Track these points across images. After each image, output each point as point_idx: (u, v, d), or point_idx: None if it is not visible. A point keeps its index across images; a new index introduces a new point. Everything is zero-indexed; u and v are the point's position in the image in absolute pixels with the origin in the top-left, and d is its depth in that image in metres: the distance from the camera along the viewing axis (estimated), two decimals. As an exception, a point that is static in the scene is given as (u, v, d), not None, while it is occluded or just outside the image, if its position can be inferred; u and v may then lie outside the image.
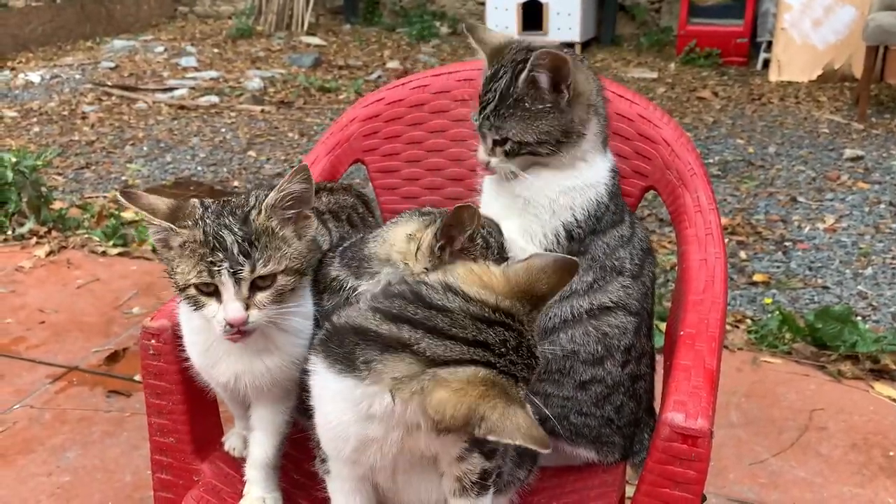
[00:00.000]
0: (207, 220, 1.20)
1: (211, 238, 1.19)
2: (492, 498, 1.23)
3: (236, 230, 1.19)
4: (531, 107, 1.41)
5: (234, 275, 1.18)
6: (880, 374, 2.81)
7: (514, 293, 1.06)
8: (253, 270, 1.19)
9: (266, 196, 1.23)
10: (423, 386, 0.97)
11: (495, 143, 1.46)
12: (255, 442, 1.42)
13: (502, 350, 1.01)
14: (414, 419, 1.00)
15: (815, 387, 2.75)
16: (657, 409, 1.65)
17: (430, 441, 1.07)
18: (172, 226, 1.21)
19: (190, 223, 1.21)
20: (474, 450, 1.15)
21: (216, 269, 1.18)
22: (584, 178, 1.47)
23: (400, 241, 1.32)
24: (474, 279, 1.07)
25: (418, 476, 1.19)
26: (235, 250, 1.18)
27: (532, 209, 1.47)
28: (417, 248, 1.29)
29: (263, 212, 1.21)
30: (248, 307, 1.20)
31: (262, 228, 1.21)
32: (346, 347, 1.04)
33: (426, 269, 1.27)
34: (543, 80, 1.39)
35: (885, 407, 2.64)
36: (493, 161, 1.47)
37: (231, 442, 1.56)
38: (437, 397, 0.96)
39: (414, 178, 1.89)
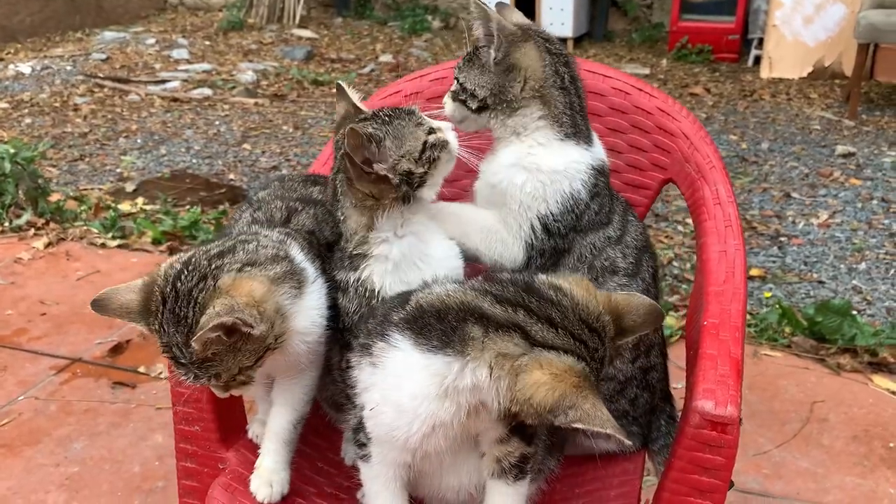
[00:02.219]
0: (162, 329, 1.23)
1: (166, 349, 1.24)
2: (527, 486, 1.24)
3: (182, 351, 1.21)
4: (480, 58, 1.49)
5: (188, 379, 1.25)
6: (878, 366, 2.85)
7: (611, 312, 1.14)
8: (198, 379, 1.24)
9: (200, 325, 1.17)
10: (523, 363, 1.02)
11: (455, 86, 1.53)
12: (273, 414, 1.45)
13: (595, 355, 1.08)
14: (489, 398, 1.04)
15: (816, 379, 2.79)
16: (673, 394, 1.68)
17: (485, 423, 1.09)
18: (146, 329, 1.26)
19: (154, 325, 1.24)
20: (515, 434, 1.17)
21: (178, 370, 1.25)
22: (545, 162, 1.46)
23: (349, 222, 1.35)
24: (582, 286, 1.14)
25: (464, 457, 1.20)
26: (184, 364, 1.23)
27: (507, 199, 1.48)
28: (346, 205, 1.33)
29: (198, 346, 1.17)
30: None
31: (200, 358, 1.21)
32: (449, 324, 1.08)
33: (354, 203, 1.31)
34: (480, 32, 1.47)
35: (885, 399, 2.68)
36: (447, 103, 1.54)
37: (254, 429, 1.56)
38: (533, 378, 1.01)
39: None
